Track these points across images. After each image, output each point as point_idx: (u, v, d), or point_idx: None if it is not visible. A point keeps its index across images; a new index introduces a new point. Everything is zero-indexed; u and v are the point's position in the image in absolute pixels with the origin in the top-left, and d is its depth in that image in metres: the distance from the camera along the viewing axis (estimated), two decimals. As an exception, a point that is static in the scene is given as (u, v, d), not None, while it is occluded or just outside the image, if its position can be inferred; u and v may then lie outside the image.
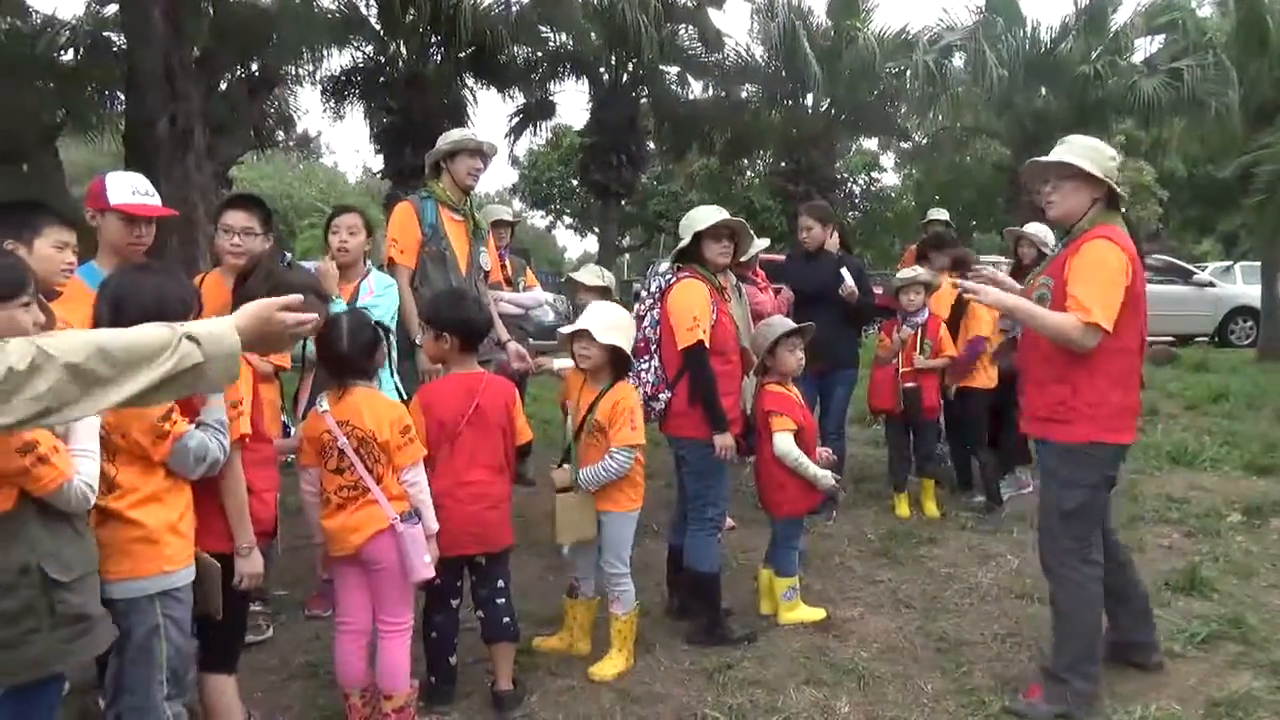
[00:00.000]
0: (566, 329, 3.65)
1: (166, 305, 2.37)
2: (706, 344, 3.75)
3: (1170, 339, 15.23)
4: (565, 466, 3.63)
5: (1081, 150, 3.19)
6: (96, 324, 2.36)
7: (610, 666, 3.59)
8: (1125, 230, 3.17)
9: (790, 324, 4.12)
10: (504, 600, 3.30)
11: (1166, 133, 19.09)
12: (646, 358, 3.89)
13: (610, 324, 3.53)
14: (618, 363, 3.57)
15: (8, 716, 2.13)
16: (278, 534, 2.86)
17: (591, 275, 4.91)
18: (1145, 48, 18.14)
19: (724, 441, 3.76)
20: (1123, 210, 3.24)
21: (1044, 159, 3.29)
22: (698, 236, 3.90)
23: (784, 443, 3.97)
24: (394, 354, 4.02)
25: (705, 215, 3.92)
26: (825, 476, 3.97)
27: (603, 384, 3.56)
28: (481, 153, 4.52)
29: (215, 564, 2.52)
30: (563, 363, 3.61)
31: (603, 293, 4.87)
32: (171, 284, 2.47)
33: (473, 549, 3.24)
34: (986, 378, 5.79)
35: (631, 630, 3.67)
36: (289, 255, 3.70)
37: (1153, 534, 5.34)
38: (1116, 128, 21.26)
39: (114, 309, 2.36)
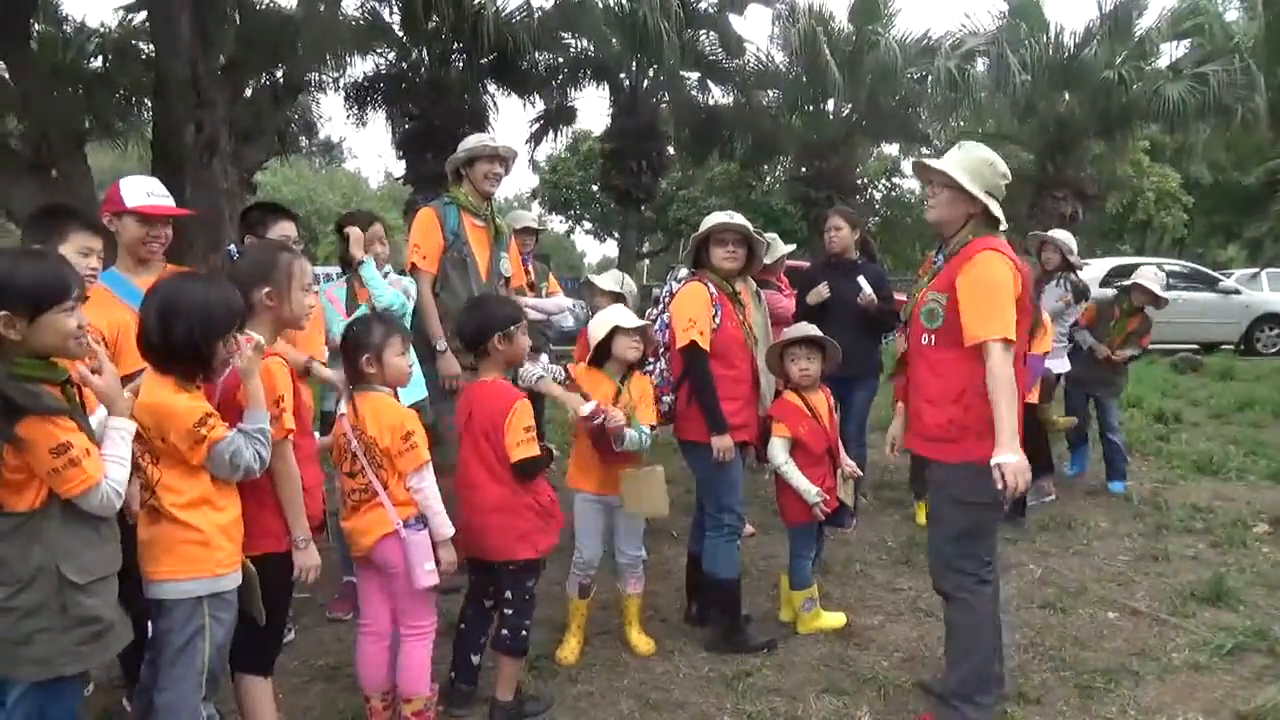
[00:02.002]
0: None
1: (212, 314, 2.40)
2: (703, 346, 3.76)
3: (1195, 347, 15.07)
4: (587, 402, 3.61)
5: (970, 162, 3.10)
6: (144, 332, 2.39)
7: (646, 642, 3.87)
8: (1014, 244, 3.10)
9: (800, 331, 4.07)
10: (510, 613, 3.23)
11: (1192, 138, 18.82)
12: (653, 360, 3.92)
13: (607, 324, 3.70)
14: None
15: (26, 713, 2.16)
16: (327, 529, 2.87)
17: (611, 281, 4.92)
18: (1170, 52, 17.96)
19: (721, 443, 3.75)
20: (1001, 229, 3.12)
21: (929, 161, 3.20)
22: (704, 241, 3.94)
23: (773, 449, 3.97)
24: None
25: (707, 221, 3.97)
26: (810, 492, 3.89)
27: (619, 375, 3.71)
28: (499, 157, 4.54)
29: (253, 568, 2.54)
30: (588, 406, 3.60)
31: (615, 299, 4.89)
32: (216, 292, 2.48)
33: (475, 552, 3.24)
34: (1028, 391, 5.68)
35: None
36: (232, 249, 3.80)
37: (1178, 544, 5.28)
38: (1141, 133, 21.12)
39: (161, 318, 2.37)
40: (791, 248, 5.15)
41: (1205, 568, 4.85)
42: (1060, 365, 6.25)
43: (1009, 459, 2.79)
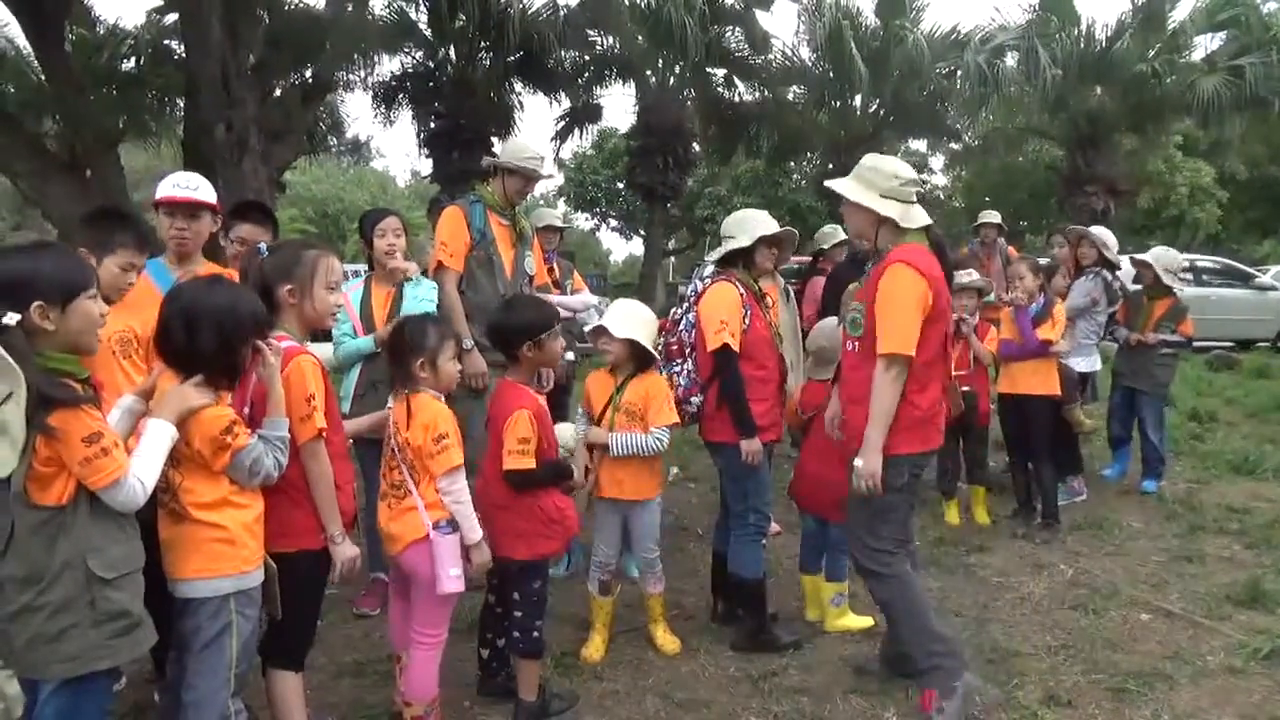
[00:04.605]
0: (590, 326, 3.81)
1: (240, 318, 2.42)
2: (734, 348, 3.74)
3: (1230, 344, 14.81)
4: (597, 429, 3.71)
5: (861, 173, 3.33)
6: (166, 331, 2.40)
7: (672, 641, 3.86)
8: (927, 247, 3.23)
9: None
10: (520, 614, 3.23)
11: (1227, 132, 18.54)
12: (680, 360, 3.91)
13: (626, 318, 3.67)
14: (640, 356, 3.66)
15: (59, 709, 2.18)
16: (358, 525, 2.88)
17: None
18: (1205, 45, 17.72)
19: (750, 446, 3.74)
20: (927, 227, 3.27)
21: (829, 182, 3.44)
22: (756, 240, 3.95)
23: None
24: None
25: (765, 220, 3.98)
26: None
27: (626, 373, 3.70)
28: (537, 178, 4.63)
29: (274, 565, 2.55)
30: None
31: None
32: (242, 297, 2.49)
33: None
34: (1051, 384, 5.47)
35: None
36: (263, 246, 3.73)
37: (1213, 545, 5.19)
38: (1174, 127, 20.81)
39: (187, 321, 2.38)
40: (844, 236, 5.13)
41: (1241, 569, 4.77)
42: (1089, 364, 6.14)
43: (859, 463, 3.13)
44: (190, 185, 3.23)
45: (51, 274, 2.12)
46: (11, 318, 2.00)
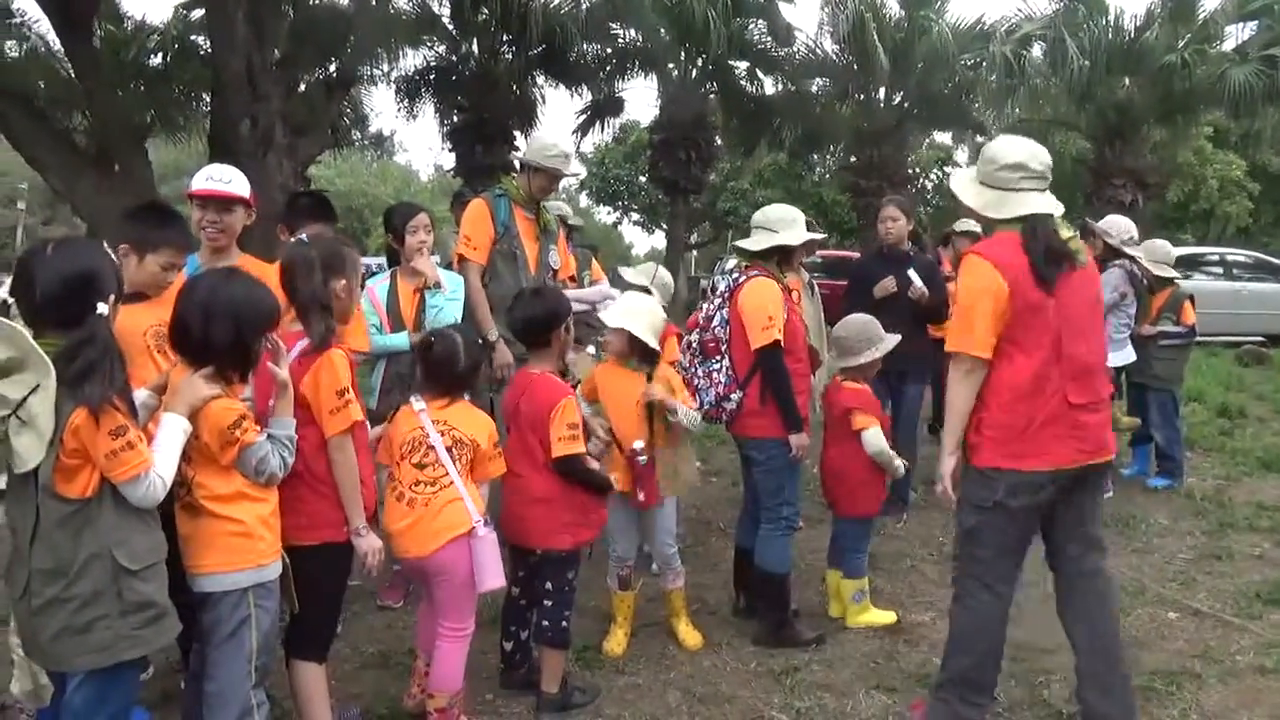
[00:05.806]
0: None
1: (257, 311, 2.44)
2: (783, 344, 3.73)
3: (1260, 339, 14.59)
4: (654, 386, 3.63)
5: (971, 168, 3.17)
6: (184, 323, 2.42)
7: (695, 635, 3.85)
8: (1023, 235, 2.89)
9: (890, 336, 4.09)
10: (551, 604, 3.27)
11: (1259, 124, 18.25)
12: (718, 358, 3.87)
13: (624, 309, 3.69)
14: (641, 347, 3.63)
15: (87, 698, 2.21)
16: (380, 518, 2.91)
17: (637, 275, 4.90)
18: (1236, 35, 17.38)
19: (799, 441, 3.75)
20: (1026, 216, 2.92)
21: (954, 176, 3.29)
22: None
23: (876, 438, 3.93)
24: None
25: (800, 218, 3.99)
26: (900, 469, 4.04)
27: (641, 369, 3.66)
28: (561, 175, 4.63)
29: (287, 560, 2.57)
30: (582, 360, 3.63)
31: (641, 291, 4.89)
32: (257, 290, 2.51)
33: (517, 540, 3.29)
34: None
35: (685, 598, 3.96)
36: (304, 237, 3.72)
37: (1242, 543, 5.13)
38: (1205, 119, 20.49)
39: (203, 313, 2.39)
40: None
41: (1271, 567, 4.71)
42: (1123, 358, 6.05)
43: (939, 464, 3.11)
44: (223, 179, 3.24)
45: (114, 271, 2.25)
46: (103, 307, 2.13)
